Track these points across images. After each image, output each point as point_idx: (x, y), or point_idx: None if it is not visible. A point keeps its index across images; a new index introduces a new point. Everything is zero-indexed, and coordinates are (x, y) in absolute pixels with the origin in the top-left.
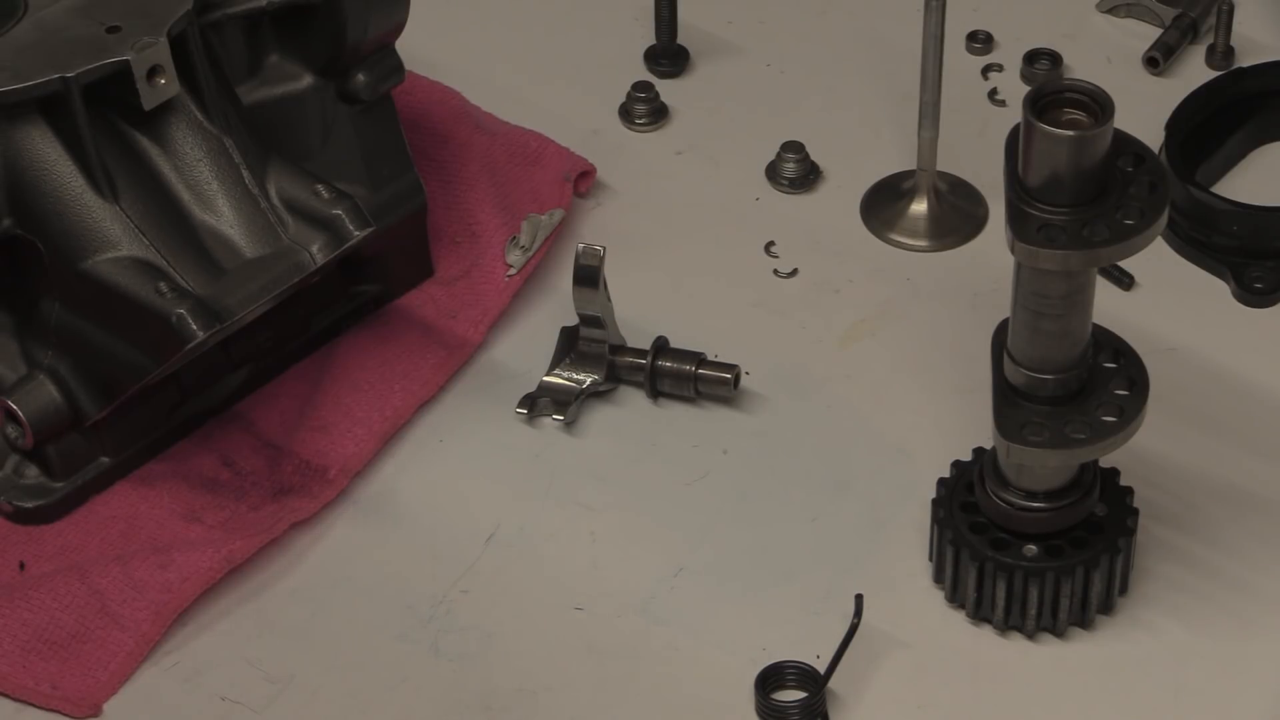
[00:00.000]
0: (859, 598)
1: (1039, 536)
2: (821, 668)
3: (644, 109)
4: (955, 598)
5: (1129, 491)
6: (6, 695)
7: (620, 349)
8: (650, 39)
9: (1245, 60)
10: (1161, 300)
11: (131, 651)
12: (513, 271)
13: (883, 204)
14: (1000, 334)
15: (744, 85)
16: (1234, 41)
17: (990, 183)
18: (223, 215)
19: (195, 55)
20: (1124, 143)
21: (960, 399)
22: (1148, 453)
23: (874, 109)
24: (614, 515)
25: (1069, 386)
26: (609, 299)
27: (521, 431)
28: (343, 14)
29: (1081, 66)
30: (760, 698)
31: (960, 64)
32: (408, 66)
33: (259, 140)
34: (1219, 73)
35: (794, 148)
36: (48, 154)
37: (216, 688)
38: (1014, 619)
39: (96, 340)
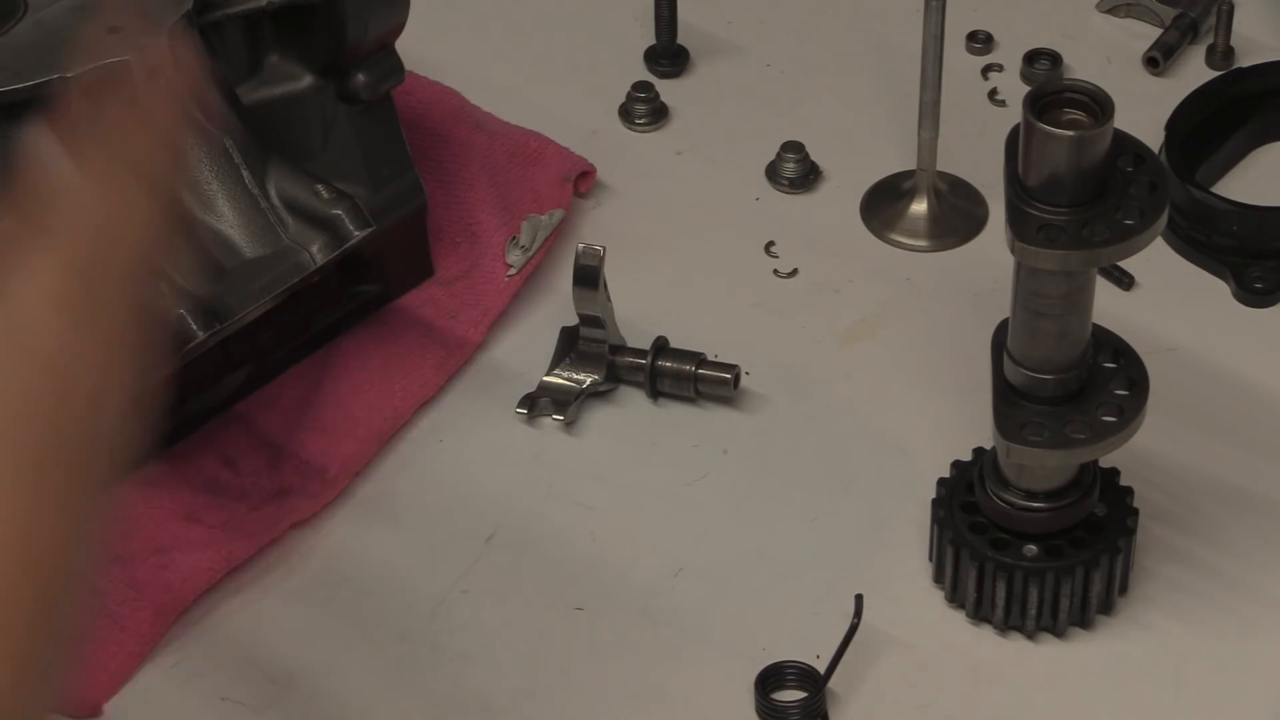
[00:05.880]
0: (859, 598)
1: (1039, 536)
2: (821, 668)
3: (644, 109)
4: (955, 598)
5: (1129, 491)
6: None
7: (620, 349)
8: (650, 39)
9: (1245, 60)
10: (1161, 300)
11: (131, 651)
12: (513, 271)
13: (883, 204)
14: (1000, 334)
15: (744, 85)
16: (1234, 41)
17: (990, 183)
18: (223, 215)
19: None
20: (1124, 143)
21: (960, 399)
22: (1148, 453)
23: (874, 109)
24: (614, 515)
25: (1069, 386)
26: (609, 299)
27: (521, 431)
28: (343, 14)
29: (1081, 66)
30: (760, 698)
31: (960, 64)
32: (408, 66)
33: (259, 140)
34: (1219, 73)
35: (794, 148)
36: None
37: (216, 688)
38: (1014, 619)
39: None
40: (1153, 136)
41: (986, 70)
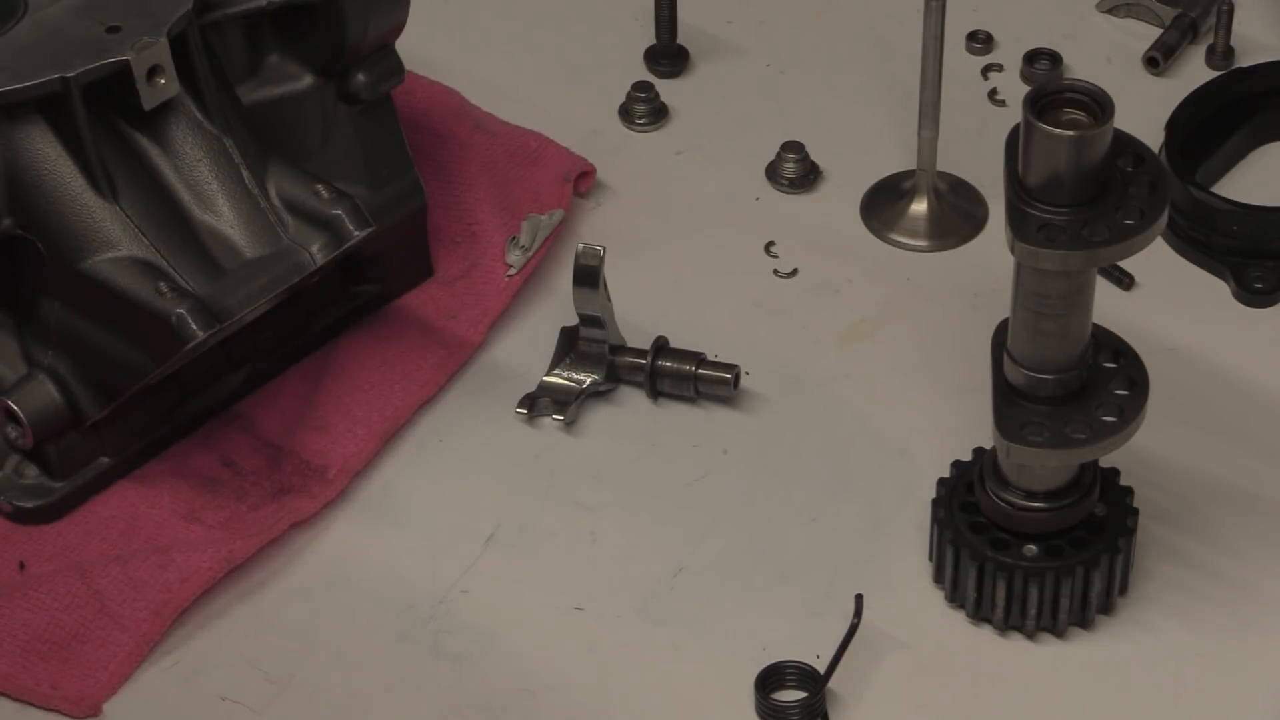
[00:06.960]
0: (859, 598)
1: (1039, 536)
2: (821, 668)
3: (644, 109)
4: (955, 598)
5: (1129, 491)
6: (6, 695)
7: (620, 349)
8: (650, 39)
9: (1245, 60)
10: (1161, 300)
11: (131, 651)
12: (513, 271)
13: (883, 204)
14: (1000, 334)
15: (744, 85)
16: (1234, 41)
17: (990, 183)
18: (223, 215)
19: (195, 55)
20: (1124, 143)
21: (960, 399)
22: (1148, 453)
23: (874, 109)
24: (614, 515)
25: (1069, 386)
26: (609, 299)
27: (521, 431)
28: (343, 14)
29: (1081, 66)
30: (760, 698)
31: (960, 64)
32: (408, 66)
33: (259, 140)
34: (1219, 73)
35: (794, 148)
36: (48, 154)
37: (216, 688)
38: (1014, 619)
39: (96, 340)
40: (1153, 136)
41: (986, 70)
